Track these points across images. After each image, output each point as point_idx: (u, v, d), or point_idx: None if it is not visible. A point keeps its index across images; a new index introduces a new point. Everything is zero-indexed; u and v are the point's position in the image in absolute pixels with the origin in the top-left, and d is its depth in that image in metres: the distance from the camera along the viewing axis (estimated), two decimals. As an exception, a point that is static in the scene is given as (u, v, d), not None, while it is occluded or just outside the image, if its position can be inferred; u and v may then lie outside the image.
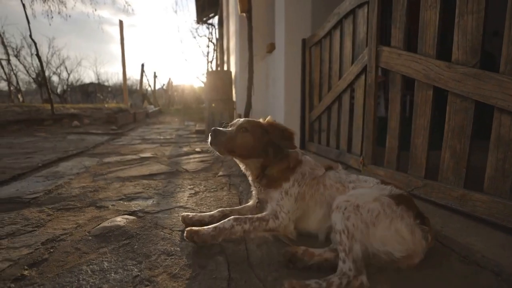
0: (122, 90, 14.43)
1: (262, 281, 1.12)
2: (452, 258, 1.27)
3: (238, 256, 1.33)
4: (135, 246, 1.43)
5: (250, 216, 1.38)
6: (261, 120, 1.59)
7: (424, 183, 1.79)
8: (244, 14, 4.36)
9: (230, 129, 1.51)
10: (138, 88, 19.71)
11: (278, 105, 4.28)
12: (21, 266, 1.23)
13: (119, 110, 9.93)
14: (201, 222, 1.59)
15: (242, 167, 1.63)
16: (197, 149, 4.55)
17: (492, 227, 1.40)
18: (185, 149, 4.61)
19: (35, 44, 7.97)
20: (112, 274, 1.18)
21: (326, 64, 3.22)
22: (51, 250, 1.37)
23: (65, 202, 2.04)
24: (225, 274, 1.19)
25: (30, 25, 7.64)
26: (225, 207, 1.96)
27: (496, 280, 1.11)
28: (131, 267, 1.24)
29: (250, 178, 1.62)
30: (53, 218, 1.77)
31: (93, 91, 28.02)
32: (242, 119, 1.58)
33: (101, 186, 2.48)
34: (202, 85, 21.53)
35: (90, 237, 1.52)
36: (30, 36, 7.72)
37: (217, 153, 1.50)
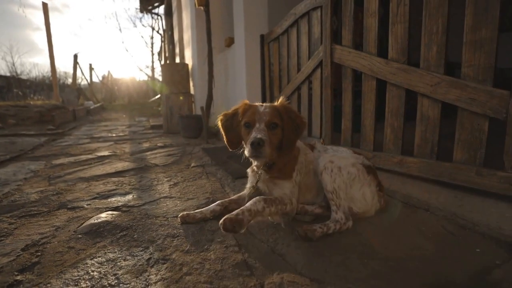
0: (45, 85, 12.57)
1: (265, 243, 1.34)
2: (398, 205, 1.76)
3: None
4: (135, 236, 1.41)
5: (272, 198, 1.42)
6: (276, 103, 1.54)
7: (373, 155, 2.29)
8: (202, 8, 4.45)
9: (257, 127, 1.40)
10: (68, 82, 17.67)
11: (240, 97, 4.55)
12: (9, 273, 1.12)
13: (54, 107, 8.83)
14: (204, 219, 1.59)
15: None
16: (159, 144, 4.47)
17: (422, 180, 1.95)
18: (146, 145, 4.48)
19: None
20: (123, 262, 1.17)
21: (285, 59, 3.59)
22: (38, 254, 1.27)
23: (25, 209, 1.83)
24: (234, 242, 1.34)
25: None
26: (211, 193, 2.03)
27: (427, 214, 1.61)
28: (140, 253, 1.24)
29: (254, 168, 1.61)
30: (18, 225, 1.58)
31: (4, 86, 23.69)
32: (263, 106, 1.48)
33: (64, 188, 2.25)
34: (147, 78, 20.31)
35: (79, 236, 1.43)
36: None
37: (259, 165, 1.50)
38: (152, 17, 18.08)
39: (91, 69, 17.76)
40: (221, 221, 1.25)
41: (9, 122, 7.31)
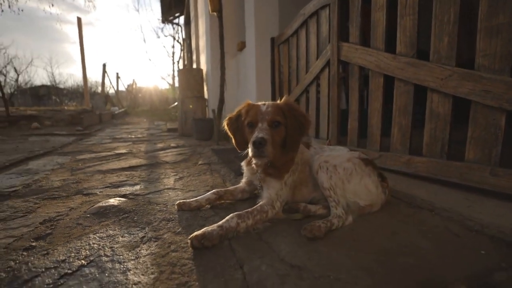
0: (79, 93, 13.63)
1: (254, 230, 1.34)
2: (401, 205, 1.62)
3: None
4: (135, 218, 1.53)
5: (250, 210, 1.34)
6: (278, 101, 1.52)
7: (379, 154, 2.16)
8: (215, 13, 4.55)
9: (259, 127, 1.37)
10: (99, 90, 18.72)
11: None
12: (26, 240, 1.29)
13: (83, 111, 9.47)
14: (199, 207, 1.62)
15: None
16: (173, 145, 4.62)
17: (429, 181, 1.80)
18: (160, 145, 4.66)
19: None
20: (120, 238, 1.29)
21: (294, 60, 3.55)
22: (52, 227, 1.44)
23: (49, 193, 2.05)
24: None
25: None
26: (212, 186, 2.09)
27: (430, 214, 1.47)
28: (136, 231, 1.36)
29: (253, 165, 1.54)
30: (41, 205, 1.79)
31: (45, 94, 25.80)
32: (266, 105, 1.45)
33: (83, 178, 2.48)
34: (168, 86, 21.09)
35: (88, 215, 1.59)
36: None
37: (260, 165, 1.44)
38: (173, 27, 18.83)
39: (117, 77, 18.74)
40: (192, 236, 1.17)
41: (46, 123, 7.94)
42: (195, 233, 1.18)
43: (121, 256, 1.11)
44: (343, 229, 1.33)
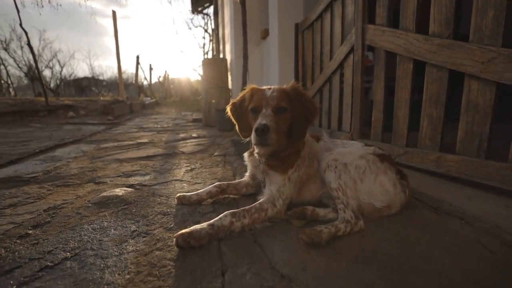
0: (116, 84, 14.33)
1: (251, 230, 1.24)
2: (424, 209, 1.41)
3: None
4: (133, 210, 1.49)
5: (247, 208, 1.24)
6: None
7: (405, 151, 1.92)
8: (238, 1, 4.41)
9: (263, 113, 1.27)
10: (133, 81, 19.60)
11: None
12: (25, 227, 1.30)
13: (115, 101, 9.97)
14: (200, 201, 1.55)
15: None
16: (194, 135, 4.65)
17: (462, 183, 1.55)
18: (182, 135, 4.70)
19: (26, 33, 7.38)
20: (112, 230, 1.26)
21: (318, 47, 3.31)
22: (53, 215, 1.44)
23: (64, 180, 2.10)
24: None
25: (20, 15, 7.14)
26: (219, 179, 2.02)
27: (460, 223, 1.25)
28: (130, 224, 1.32)
29: (255, 155, 1.44)
30: (53, 192, 1.83)
31: (87, 86, 27.72)
32: (271, 89, 1.35)
33: (99, 167, 2.53)
34: (199, 77, 21.47)
35: (90, 205, 1.59)
36: (20, 25, 7.23)
37: (262, 154, 1.34)
38: (203, 18, 18.92)
39: (150, 69, 19.44)
40: (178, 233, 1.10)
41: (81, 113, 8.50)
42: (182, 231, 1.10)
43: (105, 251, 1.07)
44: (351, 235, 1.16)
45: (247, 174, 1.67)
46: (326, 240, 1.09)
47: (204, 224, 1.13)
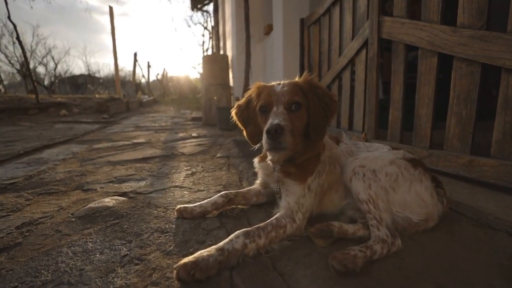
0: (113, 82, 14.04)
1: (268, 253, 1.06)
2: (463, 221, 1.25)
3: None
4: (125, 226, 1.30)
5: (262, 225, 1.07)
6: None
7: (429, 153, 1.77)
8: (240, -6, 4.23)
9: (275, 111, 1.11)
10: (131, 79, 19.30)
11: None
12: None
13: (110, 99, 9.70)
14: (204, 214, 1.36)
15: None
16: (194, 134, 4.45)
17: (499, 190, 1.40)
18: (181, 134, 4.49)
19: (15, 26, 6.93)
20: (97, 255, 1.06)
21: (326, 43, 3.15)
22: (26, 234, 1.23)
23: (47, 187, 1.88)
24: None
25: (9, 7, 6.79)
26: (224, 186, 1.81)
27: (509, 239, 1.09)
28: (120, 246, 1.12)
29: (268, 161, 1.27)
30: (32, 202, 1.61)
31: (83, 83, 27.26)
32: (281, 84, 1.19)
33: (89, 170, 2.31)
34: (198, 75, 21.24)
35: (73, 219, 1.37)
36: (9, 17, 6.82)
37: (277, 160, 1.19)
38: (203, 15, 18.68)
39: (148, 66, 19.16)
40: (179, 264, 0.90)
41: (74, 111, 8.23)
42: (185, 260, 0.90)
43: (87, 286, 0.88)
44: (388, 258, 0.99)
45: (257, 181, 1.48)
46: (361, 267, 0.92)
47: (211, 249, 0.95)
